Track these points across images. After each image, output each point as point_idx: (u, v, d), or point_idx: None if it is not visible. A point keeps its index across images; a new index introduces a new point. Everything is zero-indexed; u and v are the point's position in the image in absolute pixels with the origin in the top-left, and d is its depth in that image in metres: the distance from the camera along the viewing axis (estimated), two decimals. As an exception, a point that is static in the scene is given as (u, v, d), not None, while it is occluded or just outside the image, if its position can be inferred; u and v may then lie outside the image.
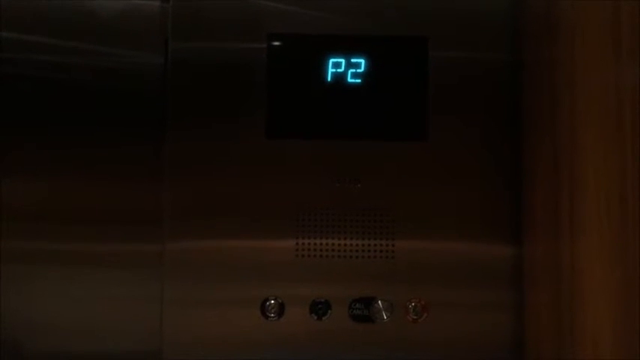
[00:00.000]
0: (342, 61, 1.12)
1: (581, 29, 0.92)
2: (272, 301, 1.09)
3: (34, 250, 1.11)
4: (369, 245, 1.10)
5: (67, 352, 1.10)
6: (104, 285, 1.11)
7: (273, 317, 1.09)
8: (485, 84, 1.11)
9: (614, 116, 0.84)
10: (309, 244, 1.10)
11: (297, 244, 1.10)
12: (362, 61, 1.12)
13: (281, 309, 1.10)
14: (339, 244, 1.10)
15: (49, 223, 1.11)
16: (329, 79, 1.11)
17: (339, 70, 1.12)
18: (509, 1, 1.12)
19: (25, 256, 1.11)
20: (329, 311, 1.10)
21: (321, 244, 1.10)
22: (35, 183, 1.11)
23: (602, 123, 0.87)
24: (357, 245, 1.10)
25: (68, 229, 1.11)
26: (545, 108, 1.02)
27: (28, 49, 1.12)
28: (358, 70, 1.12)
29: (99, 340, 1.11)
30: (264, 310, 1.09)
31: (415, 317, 1.10)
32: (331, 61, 1.11)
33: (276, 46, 1.11)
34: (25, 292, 1.10)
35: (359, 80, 1.12)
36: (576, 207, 0.93)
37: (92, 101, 1.12)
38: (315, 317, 1.10)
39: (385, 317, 1.10)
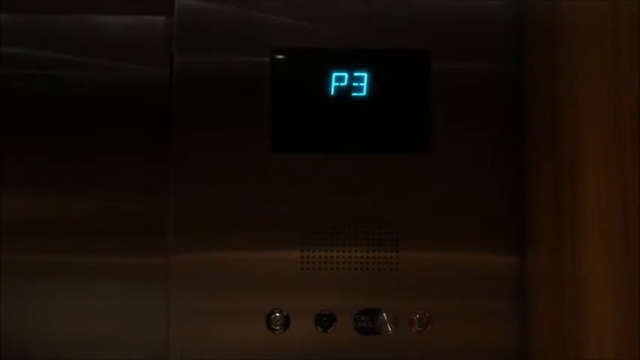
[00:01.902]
0: (346, 74, 1.12)
1: (582, 37, 0.93)
2: (277, 314, 1.10)
3: (39, 263, 1.11)
4: (373, 257, 1.10)
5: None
6: (110, 297, 1.11)
7: (278, 330, 1.10)
8: (487, 94, 1.12)
9: (615, 124, 0.85)
10: (313, 256, 1.10)
11: (302, 256, 1.10)
12: (365, 74, 1.12)
13: (286, 321, 1.10)
14: (343, 256, 1.10)
15: (55, 237, 1.12)
16: (332, 92, 1.12)
17: (342, 83, 1.12)
18: (510, 12, 1.13)
19: (32, 270, 1.11)
20: (334, 323, 1.10)
21: (325, 256, 1.10)
22: (40, 196, 1.12)
23: (602, 131, 0.88)
24: (361, 257, 1.10)
25: (73, 243, 1.12)
26: (547, 117, 1.03)
27: (33, 63, 1.13)
28: (361, 84, 1.12)
29: (106, 352, 1.11)
30: (269, 322, 1.10)
31: (420, 329, 1.10)
32: (334, 74, 1.12)
33: (280, 59, 1.12)
34: (33, 305, 1.11)
35: (362, 94, 1.12)
36: (578, 215, 0.93)
37: (97, 114, 1.13)
38: (321, 329, 1.10)
39: (390, 329, 1.10)
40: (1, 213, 1.11)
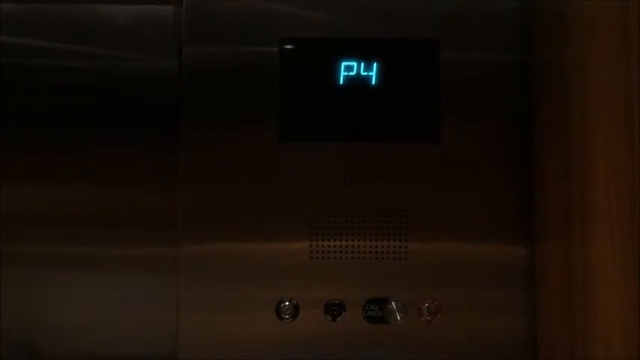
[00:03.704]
0: (355, 64, 1.12)
1: (591, 29, 0.92)
2: (286, 303, 1.10)
3: (51, 253, 1.12)
4: (382, 246, 1.11)
5: (84, 355, 1.12)
6: (120, 288, 1.12)
7: (287, 319, 1.10)
8: (496, 85, 1.12)
9: (624, 116, 0.85)
10: (322, 245, 1.11)
11: (310, 245, 1.10)
12: (374, 64, 1.12)
13: (295, 310, 1.10)
14: (352, 246, 1.11)
15: (66, 227, 1.12)
16: (341, 82, 1.12)
17: (351, 73, 1.12)
18: (519, 3, 1.12)
19: (43, 260, 1.12)
20: (343, 312, 1.10)
21: (334, 245, 1.11)
22: (53, 187, 1.13)
23: (612, 123, 0.88)
24: (370, 247, 1.11)
25: (84, 233, 1.12)
26: (556, 108, 1.03)
27: (40, 54, 1.13)
28: (370, 73, 1.12)
29: (116, 343, 1.12)
30: (278, 311, 1.10)
31: (429, 318, 1.10)
32: (343, 64, 1.12)
33: (289, 49, 1.12)
34: (43, 295, 1.12)
35: (371, 83, 1.12)
36: (587, 207, 0.93)
37: (107, 106, 1.13)
38: (330, 318, 1.10)
39: (399, 318, 1.10)
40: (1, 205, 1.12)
